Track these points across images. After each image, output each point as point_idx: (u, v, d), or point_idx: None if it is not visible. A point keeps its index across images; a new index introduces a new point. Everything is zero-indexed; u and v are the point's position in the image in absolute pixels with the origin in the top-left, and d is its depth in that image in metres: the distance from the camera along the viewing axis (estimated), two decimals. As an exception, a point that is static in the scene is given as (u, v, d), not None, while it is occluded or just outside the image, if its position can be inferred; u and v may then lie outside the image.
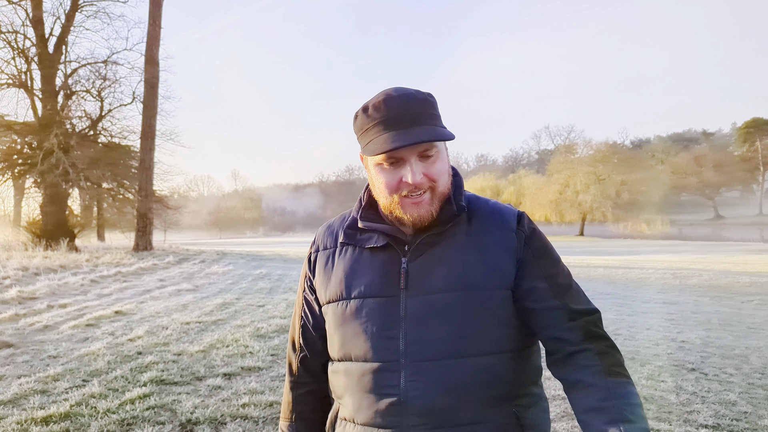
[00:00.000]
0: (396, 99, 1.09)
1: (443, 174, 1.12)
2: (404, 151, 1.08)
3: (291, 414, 1.31)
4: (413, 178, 1.08)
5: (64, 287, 10.56)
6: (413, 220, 1.11)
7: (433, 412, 1.06)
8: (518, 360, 1.12)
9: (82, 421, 3.49)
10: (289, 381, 1.32)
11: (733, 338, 6.15)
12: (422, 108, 1.09)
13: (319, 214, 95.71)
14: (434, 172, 1.10)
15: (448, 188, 1.14)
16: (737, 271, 14.45)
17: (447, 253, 1.12)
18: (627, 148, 73.95)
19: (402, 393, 1.07)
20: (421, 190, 1.09)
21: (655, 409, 3.74)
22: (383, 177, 1.11)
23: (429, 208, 1.11)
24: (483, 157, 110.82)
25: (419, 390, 1.06)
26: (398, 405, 1.07)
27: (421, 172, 1.09)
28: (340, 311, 1.17)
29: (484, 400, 1.07)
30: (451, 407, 1.06)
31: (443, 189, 1.12)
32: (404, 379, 1.07)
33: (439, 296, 1.09)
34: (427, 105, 1.10)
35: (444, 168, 1.13)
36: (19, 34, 21.45)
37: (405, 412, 1.07)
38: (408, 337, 1.08)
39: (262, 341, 5.92)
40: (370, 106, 1.11)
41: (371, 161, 1.14)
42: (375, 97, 1.12)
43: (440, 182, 1.11)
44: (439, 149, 1.12)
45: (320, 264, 1.25)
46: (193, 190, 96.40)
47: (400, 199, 1.11)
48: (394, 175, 1.10)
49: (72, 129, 22.35)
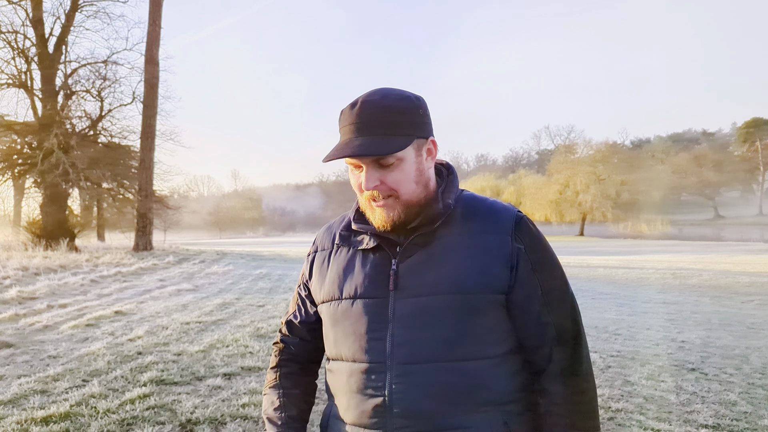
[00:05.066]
0: (366, 105, 1.08)
1: (404, 182, 1.09)
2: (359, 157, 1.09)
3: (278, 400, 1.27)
4: (366, 185, 1.09)
5: (64, 287, 10.56)
6: (378, 222, 1.12)
7: (419, 415, 1.05)
8: (508, 365, 1.11)
9: (82, 421, 3.49)
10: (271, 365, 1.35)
11: (733, 338, 6.15)
12: (388, 117, 1.07)
13: (319, 214, 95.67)
14: (392, 181, 1.09)
15: (417, 195, 1.12)
16: (737, 271, 14.45)
17: (438, 254, 1.11)
18: (627, 148, 74.03)
19: (387, 395, 1.07)
20: (381, 195, 1.10)
21: (655, 409, 3.75)
22: (353, 179, 1.15)
23: (390, 213, 1.10)
24: (483, 157, 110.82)
25: (404, 392, 1.06)
26: (383, 407, 1.07)
27: (376, 179, 1.09)
28: (333, 311, 1.18)
29: (472, 405, 1.06)
30: (436, 411, 1.05)
31: (408, 197, 1.10)
32: (390, 381, 1.07)
33: (427, 299, 1.08)
34: (393, 114, 1.08)
35: (405, 177, 1.10)
36: (19, 34, 21.46)
37: (390, 414, 1.07)
38: (395, 338, 1.08)
39: (262, 341, 5.92)
40: (346, 109, 1.11)
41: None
42: (359, 96, 1.12)
43: (401, 190, 1.09)
44: (403, 157, 1.08)
45: (317, 264, 1.27)
46: (193, 190, 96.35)
47: (367, 201, 1.13)
48: (357, 177, 1.13)
49: (72, 129, 22.33)
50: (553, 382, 1.11)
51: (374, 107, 1.08)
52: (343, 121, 1.11)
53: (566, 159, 61.49)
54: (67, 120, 22.07)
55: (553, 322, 1.11)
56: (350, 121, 1.09)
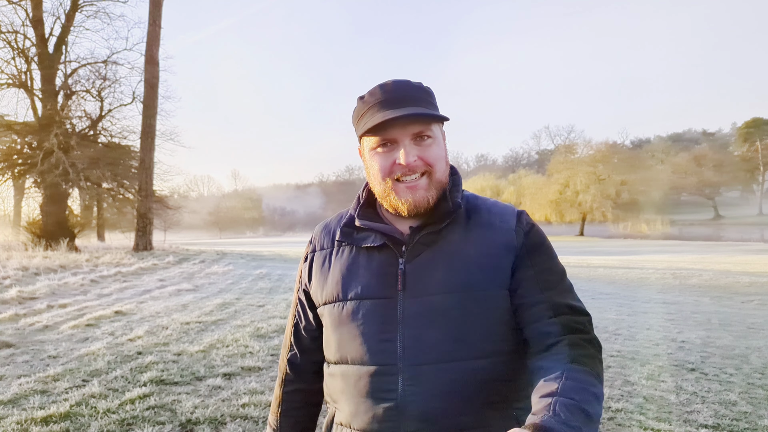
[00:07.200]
0: (391, 84, 1.10)
1: (440, 159, 1.10)
2: (397, 133, 1.07)
3: (278, 409, 1.30)
4: (406, 159, 1.06)
5: (64, 287, 10.56)
6: (408, 205, 1.08)
7: (432, 417, 1.03)
8: (519, 362, 1.08)
9: (82, 421, 3.49)
10: (279, 378, 1.32)
11: (733, 338, 6.15)
12: (417, 92, 1.10)
13: (319, 214, 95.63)
14: (430, 156, 1.08)
15: (446, 178, 1.12)
16: (737, 271, 14.44)
17: (445, 252, 1.09)
18: (627, 148, 73.99)
19: (399, 398, 1.04)
20: (416, 174, 1.08)
21: (655, 409, 3.74)
22: (377, 161, 1.10)
23: (425, 194, 1.08)
24: (483, 157, 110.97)
25: (417, 394, 1.03)
26: (396, 410, 1.04)
27: (415, 154, 1.07)
28: (337, 313, 1.14)
29: (485, 404, 1.04)
30: (450, 412, 1.03)
31: (440, 176, 1.10)
32: (402, 383, 1.04)
33: (437, 297, 1.06)
34: (422, 91, 1.11)
35: (441, 154, 1.11)
36: (19, 34, 21.47)
37: (403, 418, 1.04)
38: (406, 340, 1.05)
39: (262, 341, 5.92)
40: (367, 93, 1.11)
41: (367, 149, 1.13)
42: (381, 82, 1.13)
43: (437, 167, 1.09)
44: (435, 135, 1.10)
45: (317, 265, 1.22)
46: (193, 190, 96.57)
47: (393, 184, 1.09)
48: (387, 158, 1.09)
49: (72, 129, 22.34)
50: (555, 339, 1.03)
51: (407, 84, 1.10)
52: (372, 100, 1.09)
53: (566, 159, 61.51)
54: (67, 120, 22.08)
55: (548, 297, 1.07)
56: (383, 97, 1.08)
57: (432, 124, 1.10)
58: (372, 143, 1.10)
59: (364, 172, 1.20)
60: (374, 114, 1.07)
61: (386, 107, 1.06)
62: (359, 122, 1.12)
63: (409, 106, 1.06)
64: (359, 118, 1.12)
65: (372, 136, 1.10)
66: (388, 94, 1.08)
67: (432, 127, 1.09)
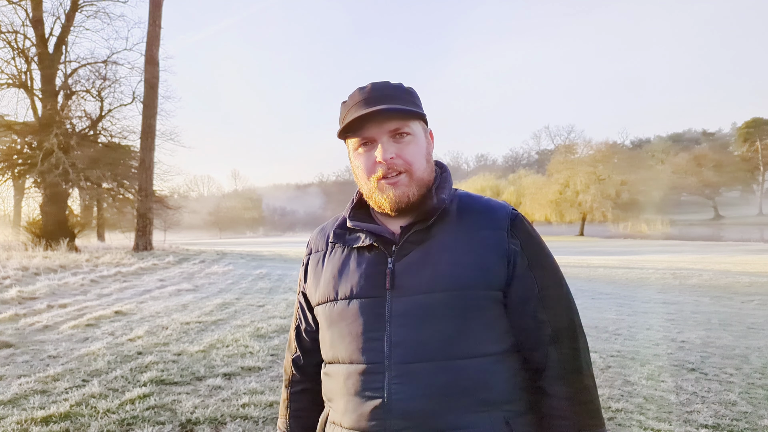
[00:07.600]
0: (370, 86, 1.13)
1: (418, 157, 1.12)
2: (374, 131, 1.09)
3: (286, 411, 1.31)
4: (383, 155, 1.08)
5: (64, 287, 10.56)
6: (389, 201, 1.10)
7: (418, 416, 1.03)
8: (508, 363, 1.09)
9: (82, 421, 3.49)
10: (285, 379, 1.33)
11: (733, 338, 6.15)
12: (395, 92, 1.12)
13: (319, 214, 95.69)
14: (407, 154, 1.10)
15: (428, 175, 1.14)
16: (737, 271, 14.44)
17: (434, 252, 1.09)
18: (627, 148, 74.11)
19: (386, 396, 1.04)
20: (396, 171, 1.09)
21: (655, 409, 3.74)
22: (360, 161, 1.13)
23: (406, 189, 1.10)
24: (483, 157, 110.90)
25: (403, 393, 1.03)
26: (382, 408, 1.04)
27: (393, 151, 1.09)
28: (329, 313, 1.15)
29: (472, 405, 1.04)
30: (437, 411, 1.03)
31: (421, 174, 1.12)
32: (388, 381, 1.05)
33: (425, 297, 1.06)
34: (401, 90, 1.13)
35: (419, 152, 1.12)
36: (19, 34, 21.47)
37: (389, 416, 1.04)
38: (393, 338, 1.06)
39: (262, 341, 5.92)
40: (354, 93, 1.14)
41: (351, 151, 1.16)
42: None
43: (416, 165, 1.11)
44: (415, 133, 1.12)
45: (312, 267, 1.25)
46: (193, 190, 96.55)
47: (377, 182, 1.11)
48: (369, 157, 1.12)
49: (72, 129, 22.33)
50: (553, 383, 1.09)
51: (385, 84, 1.13)
52: (351, 102, 1.12)
53: (566, 159, 61.48)
54: (67, 120, 22.07)
55: (550, 319, 1.10)
56: (363, 97, 1.11)
57: (410, 121, 1.11)
58: (354, 144, 1.14)
59: None
60: (360, 108, 1.09)
61: (363, 107, 1.08)
62: (342, 123, 1.15)
63: (387, 102, 1.08)
64: (342, 120, 1.14)
65: (351, 137, 1.13)
66: (366, 95, 1.11)
67: (410, 124, 1.11)
